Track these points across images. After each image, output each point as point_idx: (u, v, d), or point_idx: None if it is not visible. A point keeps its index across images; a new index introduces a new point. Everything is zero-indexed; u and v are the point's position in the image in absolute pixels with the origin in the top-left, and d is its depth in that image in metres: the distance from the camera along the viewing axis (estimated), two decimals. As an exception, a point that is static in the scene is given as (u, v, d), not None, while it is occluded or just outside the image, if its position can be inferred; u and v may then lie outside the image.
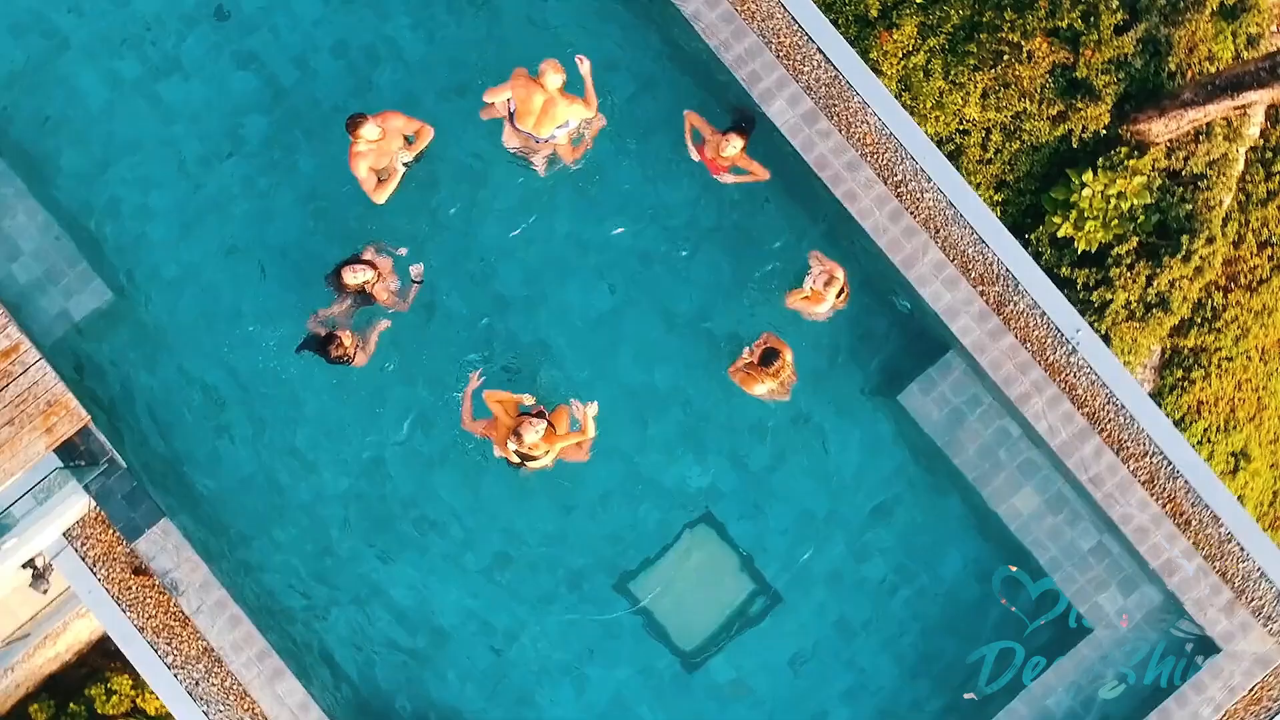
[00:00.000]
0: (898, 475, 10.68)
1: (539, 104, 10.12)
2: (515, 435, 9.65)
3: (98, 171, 10.96)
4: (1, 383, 9.92)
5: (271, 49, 11.13)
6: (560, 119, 10.33)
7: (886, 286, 10.66)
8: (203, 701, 10.00)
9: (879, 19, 14.41)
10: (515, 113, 10.30)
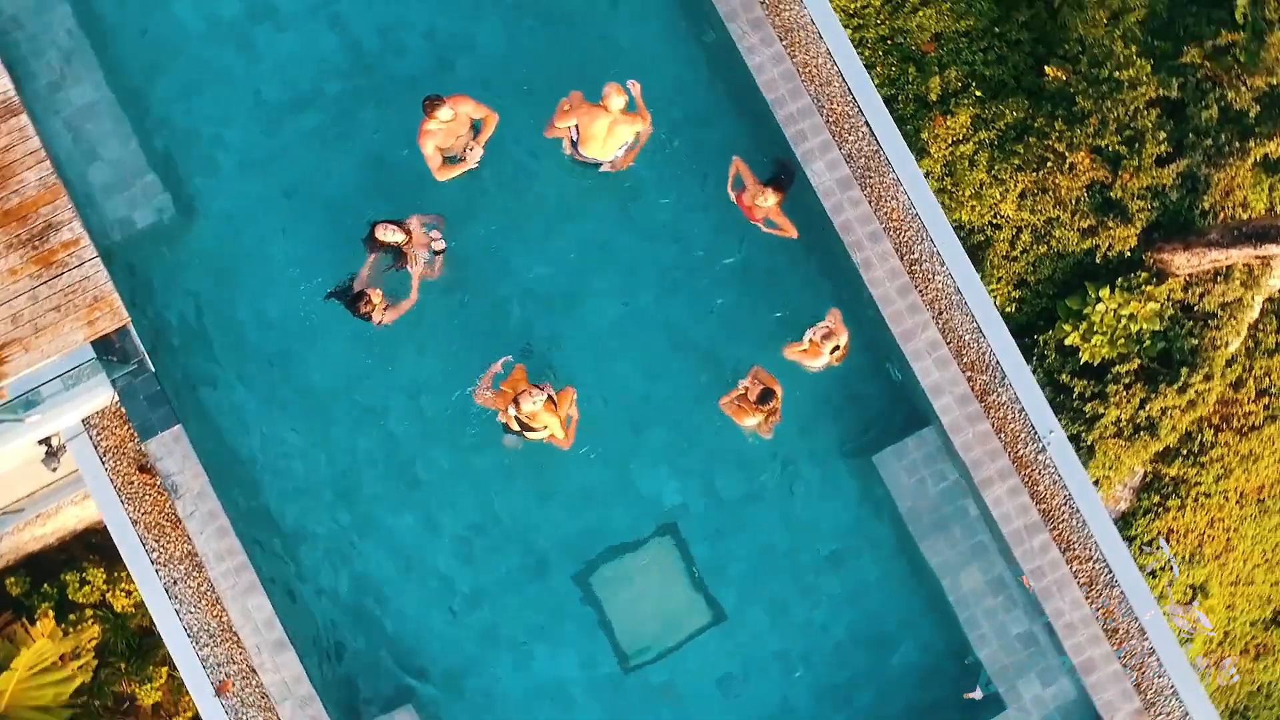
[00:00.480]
0: (857, 530, 11.68)
1: (603, 128, 11.21)
2: (515, 402, 10.71)
3: (182, 96, 12.09)
4: (57, 271, 11.04)
5: (364, 17, 12.25)
6: (622, 139, 11.44)
7: (882, 353, 11.69)
8: (177, 600, 11.07)
9: (937, 103, 15.52)
10: (579, 139, 11.40)
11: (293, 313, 11.92)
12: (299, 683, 10.84)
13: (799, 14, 11.83)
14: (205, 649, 11.08)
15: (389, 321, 11.43)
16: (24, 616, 14.46)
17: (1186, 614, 15.64)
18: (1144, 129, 15.06)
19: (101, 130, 11.76)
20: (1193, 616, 15.64)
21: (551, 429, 11.02)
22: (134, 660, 14.93)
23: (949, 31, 15.74)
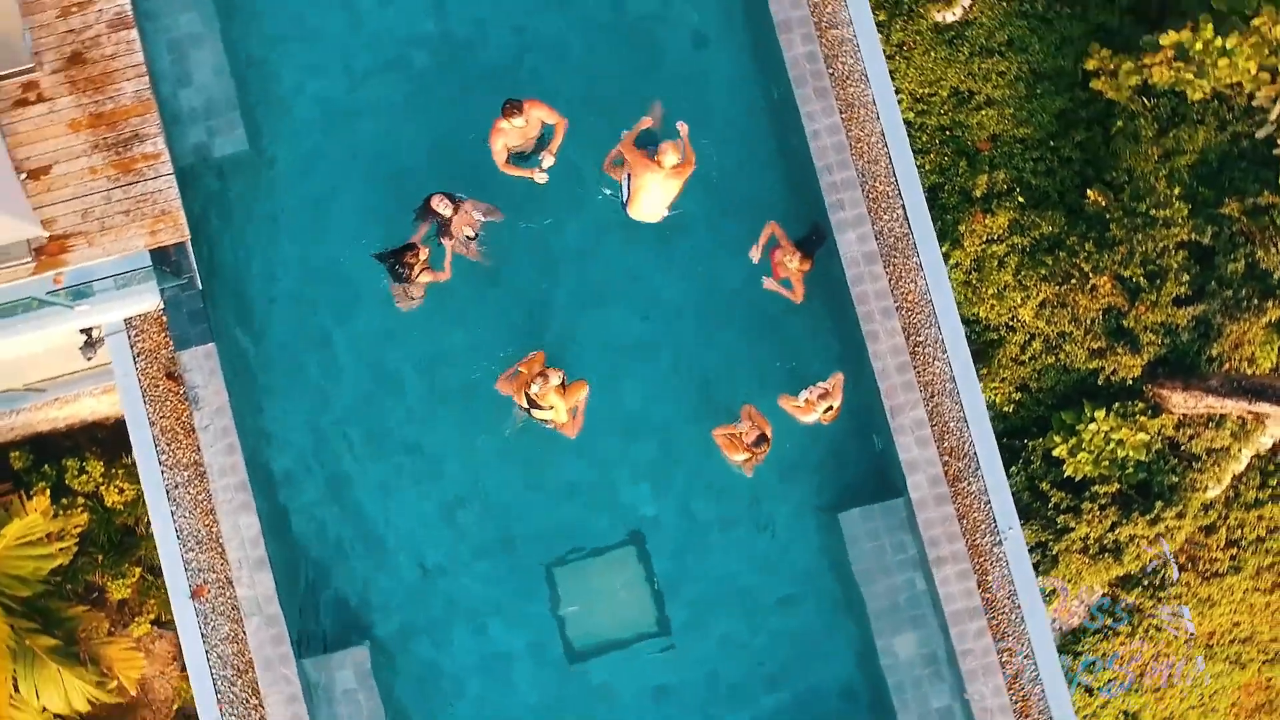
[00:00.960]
0: (811, 579, 12.79)
1: (651, 183, 12.27)
2: (528, 384, 11.86)
3: (279, 41, 13.30)
4: (133, 179, 12.23)
5: (463, 4, 13.46)
6: (670, 195, 12.56)
7: (869, 422, 12.79)
8: (174, 503, 12.23)
9: (981, 200, 16.68)
10: (629, 200, 12.52)
11: (335, 263, 13.09)
12: (270, 602, 11.99)
13: (862, 92, 12.99)
14: (191, 553, 12.24)
15: (421, 284, 12.53)
16: (22, 490, 15.65)
17: (1174, 619, 16.68)
18: (1169, 267, 16.17)
19: (200, 59, 12.98)
20: (1180, 622, 16.68)
21: (558, 411, 12.14)
22: (112, 555, 16.10)
23: (1006, 135, 16.90)
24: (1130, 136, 16.50)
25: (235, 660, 12.16)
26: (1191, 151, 16.46)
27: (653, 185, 12.36)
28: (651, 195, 12.46)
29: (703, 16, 13.32)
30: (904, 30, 16.75)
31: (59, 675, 14.13)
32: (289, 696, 11.94)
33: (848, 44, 13.01)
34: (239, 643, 12.16)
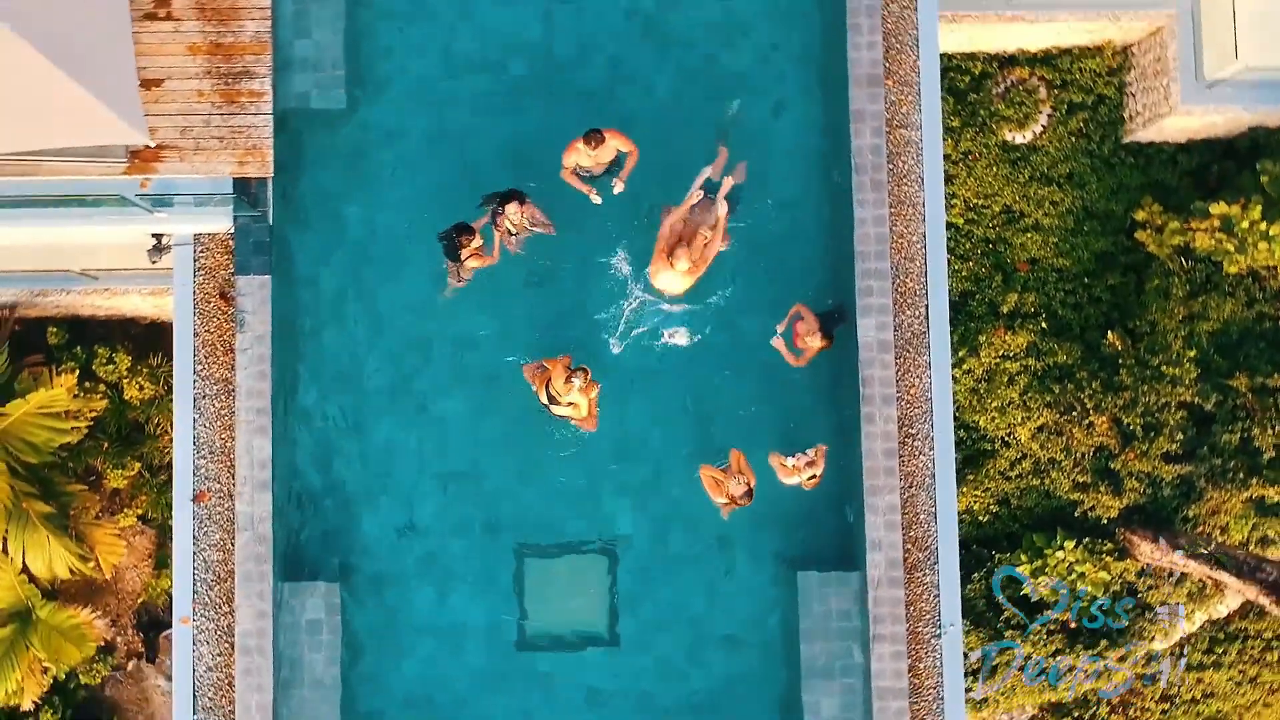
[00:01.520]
0: (758, 626, 14.11)
1: (665, 277, 13.75)
2: (550, 381, 13.25)
3: (394, 17, 14.71)
4: (235, 111, 13.69)
5: (571, 24, 14.86)
6: (684, 285, 13.95)
7: (847, 494, 14.13)
8: (199, 411, 13.65)
9: (1006, 316, 18.07)
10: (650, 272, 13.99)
11: (394, 230, 14.49)
12: (263, 522, 13.38)
13: (915, 193, 14.36)
14: (202, 460, 13.65)
15: (470, 267, 13.89)
16: (52, 365, 17.10)
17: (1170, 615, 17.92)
18: (1166, 423, 17.50)
19: (321, 16, 14.40)
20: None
21: (580, 408, 13.51)
22: (117, 445, 17.55)
23: (1045, 262, 18.30)
24: (1161, 292, 17.84)
25: (218, 567, 13.55)
26: (1215, 320, 17.78)
27: (665, 274, 13.80)
28: (664, 281, 13.94)
29: (787, 89, 14.71)
30: (973, 141, 18.17)
31: (48, 541, 15.53)
32: (259, 612, 13.32)
33: (912, 146, 14.38)
34: (225, 551, 13.56)
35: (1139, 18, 17.44)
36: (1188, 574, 18.28)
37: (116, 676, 18.38)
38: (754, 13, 14.82)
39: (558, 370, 13.46)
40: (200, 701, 13.46)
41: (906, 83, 14.50)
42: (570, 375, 13.30)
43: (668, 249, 13.68)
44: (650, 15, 14.79)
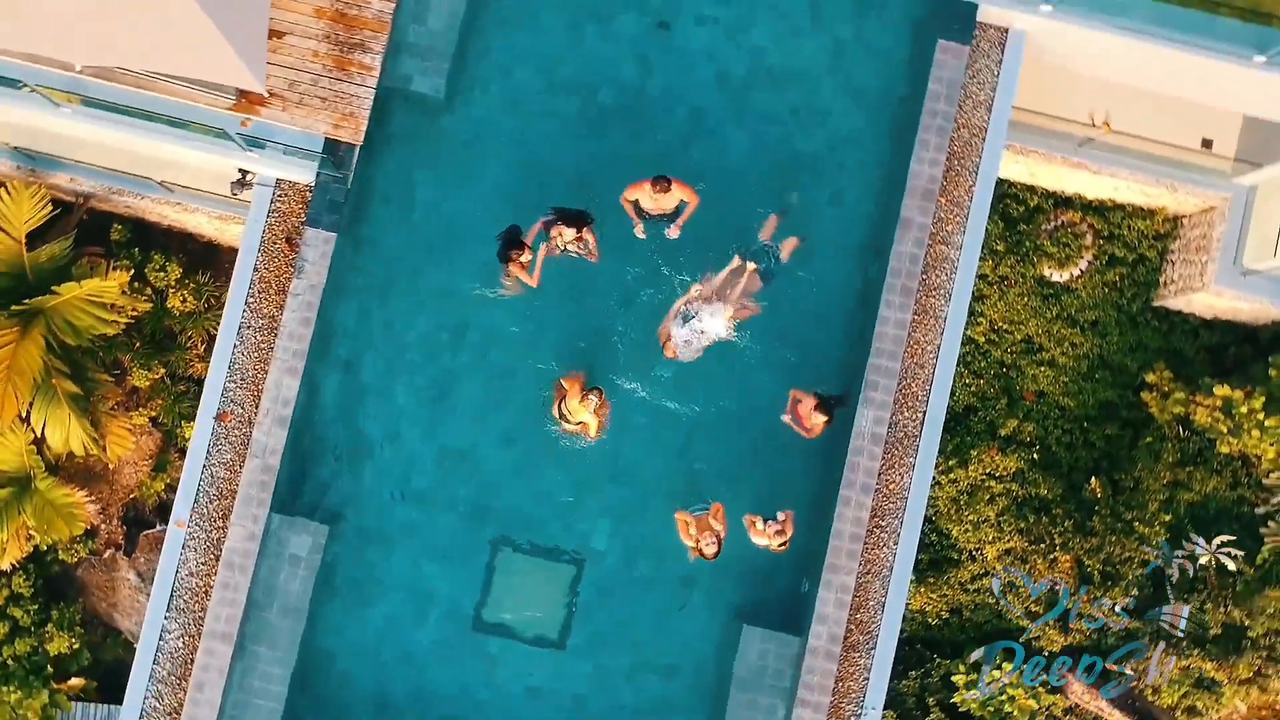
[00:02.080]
0: (696, 663, 15.64)
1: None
2: (565, 399, 14.80)
3: (507, 25, 16.29)
4: (342, 78, 15.29)
5: (664, 70, 16.40)
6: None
7: (807, 566, 15.63)
8: (240, 339, 15.25)
9: (1002, 439, 19.58)
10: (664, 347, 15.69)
11: (459, 220, 16.06)
12: (274, 455, 14.97)
13: (940, 307, 15.88)
14: (232, 384, 15.24)
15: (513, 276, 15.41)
16: (109, 259, 18.74)
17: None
18: (1125, 576, 18.98)
19: (440, 8, 15.98)
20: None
21: (588, 427, 15.06)
22: (148, 348, 19.17)
23: (1051, 397, 19.82)
24: (1152, 453, 19.33)
25: (222, 485, 15.13)
26: (1197, 492, 19.25)
27: (667, 344, 15.49)
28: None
29: (848, 181, 16.24)
30: (1013, 268, 19.71)
31: (69, 419, 17.15)
32: (249, 534, 14.89)
33: (948, 263, 15.91)
34: (232, 471, 15.14)
35: (1195, 194, 18.96)
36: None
37: (92, 561, 20.00)
38: (835, 103, 16.39)
39: (574, 389, 15.00)
40: (175, 602, 15.03)
41: (958, 204, 16.04)
42: (585, 395, 14.83)
43: (665, 332, 15.35)
44: (739, 82, 16.35)
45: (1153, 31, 15.87)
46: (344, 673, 15.53)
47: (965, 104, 16.07)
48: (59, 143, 17.62)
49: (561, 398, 15.11)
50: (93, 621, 20.20)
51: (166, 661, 14.99)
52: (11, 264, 17.51)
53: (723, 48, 16.37)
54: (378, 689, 15.46)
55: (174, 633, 15.04)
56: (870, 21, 16.46)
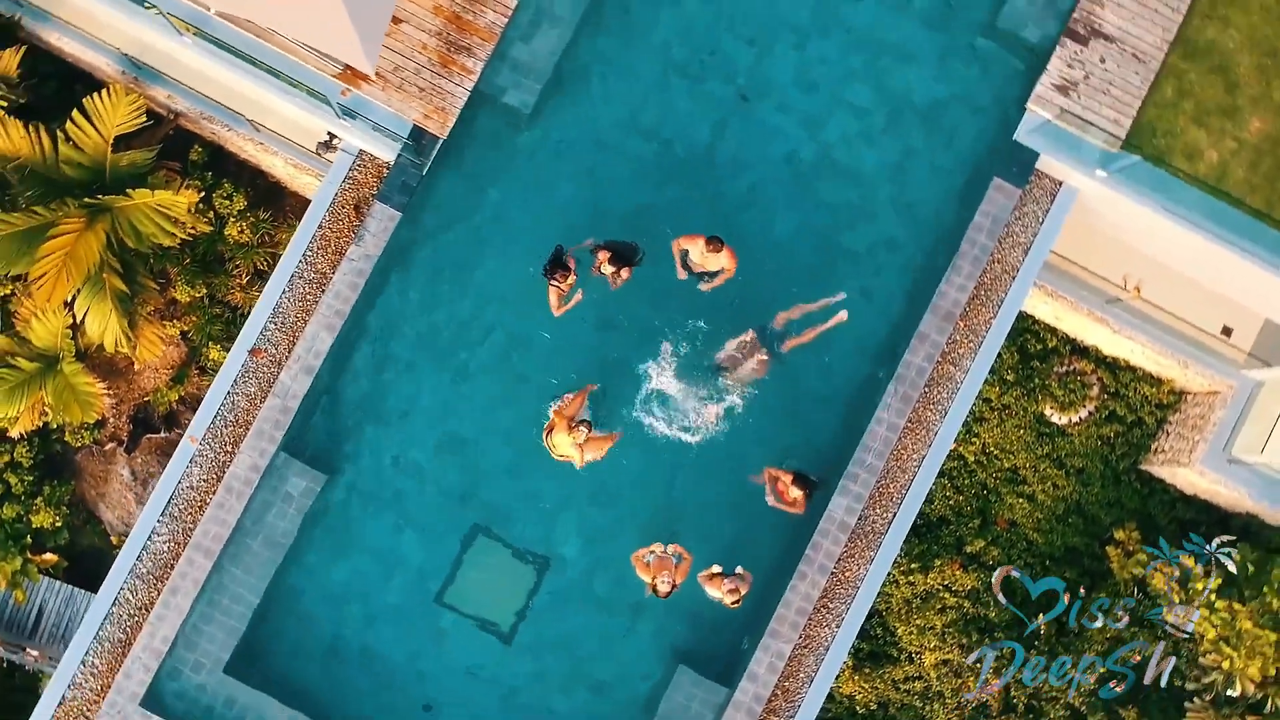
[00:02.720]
0: (625, 688, 17.47)
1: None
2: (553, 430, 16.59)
3: (605, 61, 18.15)
4: (443, 74, 17.16)
5: (737, 138, 18.21)
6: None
7: (751, 625, 17.39)
8: (289, 286, 17.12)
9: (967, 555, 21.35)
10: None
11: (515, 228, 17.91)
12: (294, 399, 16.85)
13: (934, 420, 17.60)
14: (271, 325, 17.11)
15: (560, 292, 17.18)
16: (184, 177, 20.64)
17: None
18: (1047, 714, 20.73)
19: (548, 33, 17.86)
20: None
21: (574, 459, 16.80)
22: (196, 266, 21.06)
23: (1023, 529, 21.60)
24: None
25: (241, 414, 16.99)
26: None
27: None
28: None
29: (880, 285, 18.02)
30: (1016, 400, 21.50)
31: (110, 313, 18.99)
32: (253, 465, 16.76)
33: (952, 383, 17.68)
34: (252, 404, 16.99)
35: (1204, 376, 20.72)
36: None
37: (93, 449, 21.90)
38: (886, 209, 18.23)
39: (561, 423, 16.75)
40: (171, 509, 16.89)
41: (975, 331, 17.79)
42: (574, 426, 16.60)
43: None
44: (803, 168, 18.21)
45: (1199, 222, 17.64)
46: (306, 613, 17.40)
47: (1005, 241, 17.86)
48: (167, 61, 19.53)
49: (550, 429, 16.91)
50: (78, 505, 22.10)
51: (149, 560, 16.83)
52: (94, 160, 19.38)
53: (796, 133, 18.24)
54: (332, 636, 17.32)
55: (162, 536, 16.88)
56: (938, 144, 18.31)
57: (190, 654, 16.91)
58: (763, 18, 18.41)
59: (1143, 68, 17.84)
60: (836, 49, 18.42)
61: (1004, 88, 18.25)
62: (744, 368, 17.47)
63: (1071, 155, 17.67)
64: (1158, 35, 17.91)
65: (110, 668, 16.70)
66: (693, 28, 18.31)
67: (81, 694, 16.69)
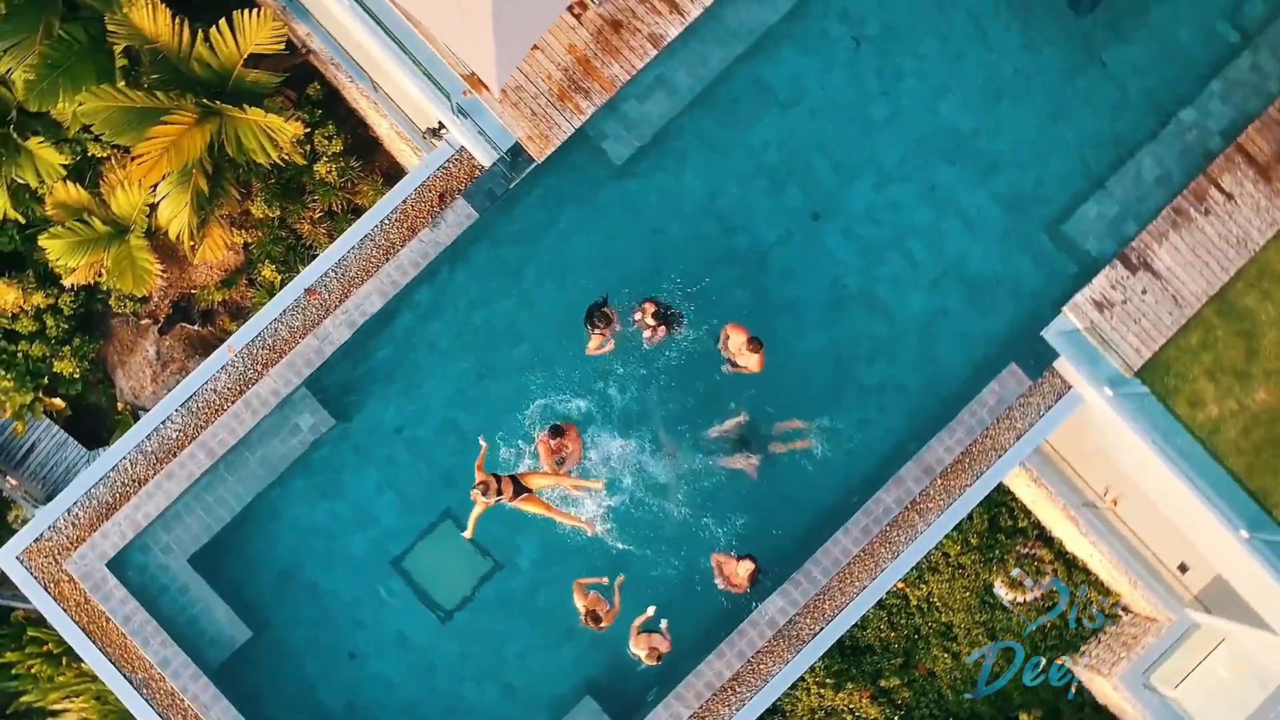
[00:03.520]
0: (530, 701, 20.20)
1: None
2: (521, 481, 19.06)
3: (703, 141, 20.74)
4: (557, 106, 19.76)
5: (797, 246, 20.74)
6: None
7: (662, 681, 19.89)
8: (359, 245, 19.73)
9: (879, 688, 23.85)
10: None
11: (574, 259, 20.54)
12: (330, 345, 19.53)
13: (884, 558, 20.01)
14: (332, 272, 19.70)
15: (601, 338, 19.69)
16: (295, 109, 23.30)
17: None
18: None
19: (660, 100, 20.51)
20: None
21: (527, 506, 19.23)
22: (277, 188, 23.74)
23: (939, 683, 24.08)
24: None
25: (279, 342, 19.60)
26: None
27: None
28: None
29: (879, 419, 20.58)
30: (973, 563, 24.04)
31: (186, 206, 21.55)
32: (275, 390, 19.41)
33: (912, 530, 20.11)
34: (293, 337, 19.61)
35: (1150, 601, 23.17)
36: None
37: (129, 319, 24.61)
38: (908, 356, 20.81)
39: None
40: (190, 404, 19.52)
41: (949, 492, 20.28)
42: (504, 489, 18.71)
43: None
44: (846, 293, 20.78)
45: (1181, 466, 20.04)
46: (275, 535, 20.14)
47: (1002, 422, 20.34)
48: (317, 4, 22.20)
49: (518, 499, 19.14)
50: (99, 364, 24.83)
51: (156, 442, 19.46)
52: (224, 68, 22.03)
53: (850, 261, 20.86)
54: (291, 564, 20.07)
55: (175, 425, 19.52)
56: (973, 313, 20.87)
57: (165, 536, 19.62)
58: (857, 150, 21.00)
59: (1178, 311, 20.31)
60: (912, 198, 21.01)
61: (1048, 285, 20.81)
62: (731, 459, 20.02)
63: (1088, 367, 20.12)
64: (1201, 286, 20.38)
65: (90, 524, 19.34)
66: (791, 138, 20.90)
67: (58, 537, 19.35)
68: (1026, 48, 21.10)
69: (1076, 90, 21.14)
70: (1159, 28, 21.18)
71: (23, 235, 23.92)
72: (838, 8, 20.95)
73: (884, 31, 20.95)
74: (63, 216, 22.94)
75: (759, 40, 20.83)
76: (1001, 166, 21.06)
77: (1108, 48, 21.15)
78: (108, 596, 19.08)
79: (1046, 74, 21.13)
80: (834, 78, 20.91)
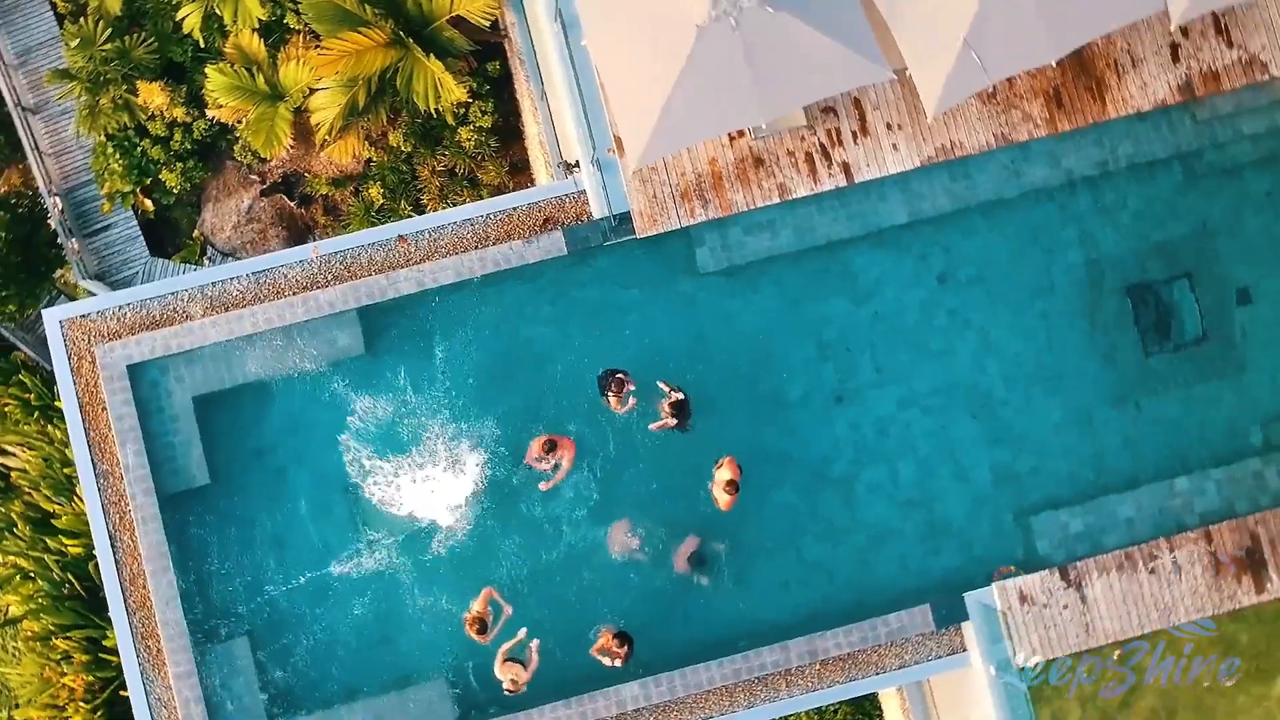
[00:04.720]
0: (409, 692, 24.25)
1: None
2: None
3: (780, 290, 24.86)
4: (679, 201, 23.93)
5: (815, 418, 24.71)
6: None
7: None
8: (455, 224, 23.84)
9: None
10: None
11: (619, 327, 24.63)
12: (394, 291, 23.61)
13: (741, 701, 23.98)
14: (424, 239, 23.74)
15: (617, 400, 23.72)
16: (471, 77, 27.61)
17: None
18: None
19: (760, 236, 24.49)
20: None
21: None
22: (419, 129, 28.19)
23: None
24: None
25: (354, 266, 23.56)
26: None
27: None
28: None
29: (796, 586, 24.51)
30: None
31: (337, 108, 26.06)
32: (331, 303, 23.49)
33: (776, 695, 23.94)
34: (367, 268, 23.62)
35: None
36: None
37: (242, 168, 29.16)
38: (847, 550, 24.76)
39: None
40: (259, 277, 23.66)
41: (820, 678, 24.06)
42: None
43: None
44: (826, 476, 24.80)
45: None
46: (280, 421, 24.43)
47: (892, 648, 23.96)
48: (532, 7, 26.45)
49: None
50: (196, 190, 29.38)
51: (217, 291, 23.59)
52: (431, 14, 26.38)
53: (845, 450, 24.98)
54: (268, 445, 24.33)
55: (238, 286, 23.63)
56: (921, 548, 24.89)
57: (185, 370, 23.77)
58: (902, 362, 25.11)
59: (1085, 637, 23.88)
60: (925, 427, 25.07)
61: (991, 557, 24.70)
62: (676, 557, 24.31)
63: (986, 642, 23.80)
64: (1115, 628, 23.91)
65: (132, 327, 23.51)
66: (851, 327, 25.03)
67: (102, 323, 23.56)
68: (1081, 358, 25.17)
69: (1105, 415, 25.16)
70: (1198, 402, 25.27)
71: (195, 56, 28.41)
72: (945, 243, 25.09)
73: (971, 282, 25.08)
74: (235, 59, 27.43)
75: (866, 234, 24.91)
76: (1011, 442, 25.09)
77: (1150, 395, 25.19)
78: (114, 392, 23.20)
79: (1088, 388, 25.20)
80: (910, 298, 25.05)
